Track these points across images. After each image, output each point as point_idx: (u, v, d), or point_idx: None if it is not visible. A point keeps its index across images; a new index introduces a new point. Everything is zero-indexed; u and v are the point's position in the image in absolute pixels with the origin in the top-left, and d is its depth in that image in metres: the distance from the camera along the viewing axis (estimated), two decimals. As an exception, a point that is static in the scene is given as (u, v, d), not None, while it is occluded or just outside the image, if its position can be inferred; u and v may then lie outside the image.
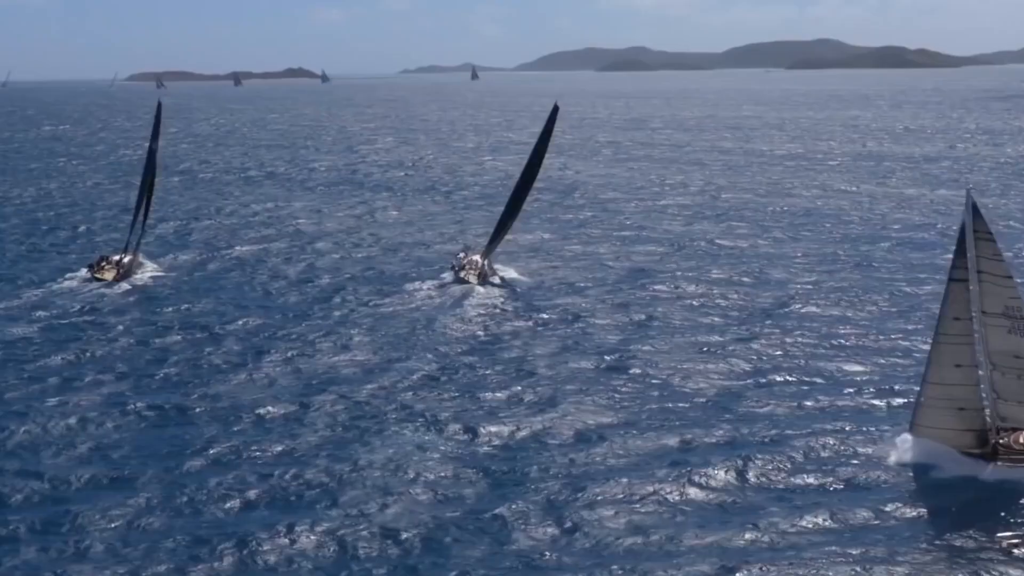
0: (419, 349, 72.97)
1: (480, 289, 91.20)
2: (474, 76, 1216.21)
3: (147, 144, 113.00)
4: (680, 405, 59.94)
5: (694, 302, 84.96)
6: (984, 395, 51.66)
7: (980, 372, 50.65)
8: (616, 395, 61.77)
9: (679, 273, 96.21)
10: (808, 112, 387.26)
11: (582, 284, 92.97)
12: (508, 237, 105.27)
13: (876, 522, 44.87)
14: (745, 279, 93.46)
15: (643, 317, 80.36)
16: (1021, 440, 51.59)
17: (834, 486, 48.63)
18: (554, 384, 64.25)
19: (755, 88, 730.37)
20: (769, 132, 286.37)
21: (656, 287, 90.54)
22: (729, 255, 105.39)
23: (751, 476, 49.70)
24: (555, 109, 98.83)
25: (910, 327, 75.28)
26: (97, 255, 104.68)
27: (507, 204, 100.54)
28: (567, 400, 60.93)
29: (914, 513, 46.13)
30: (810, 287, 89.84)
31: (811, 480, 49.37)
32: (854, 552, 41.56)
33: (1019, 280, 77.12)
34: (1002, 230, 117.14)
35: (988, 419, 51.16)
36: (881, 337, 73.27)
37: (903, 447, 51.27)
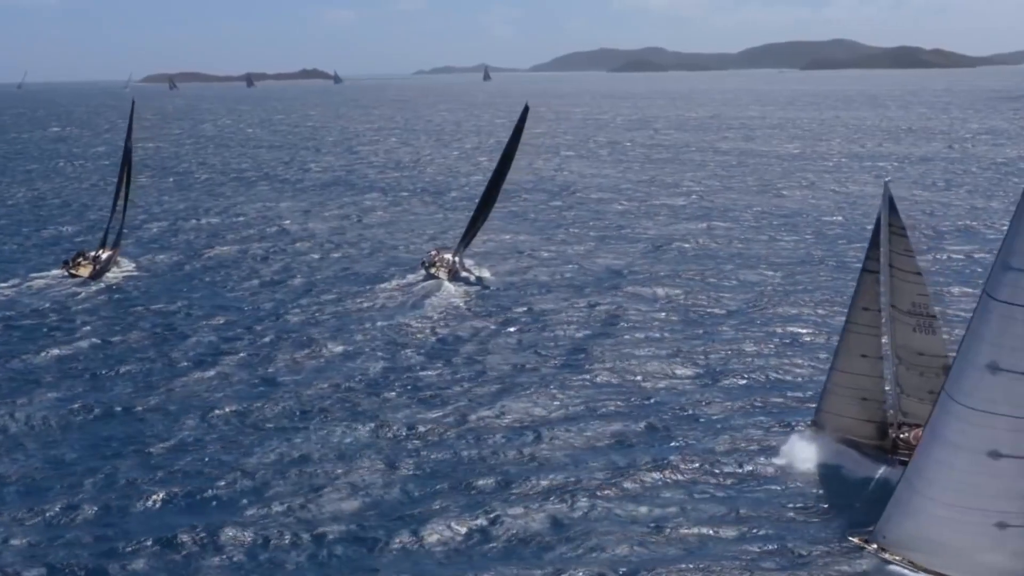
0: (376, 347, 73.24)
1: (448, 286, 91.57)
2: (486, 77, 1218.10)
3: (125, 143, 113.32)
4: (618, 403, 60.18)
5: (658, 303, 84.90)
6: (888, 388, 51.99)
7: (885, 364, 50.84)
8: (561, 393, 61.99)
9: (650, 274, 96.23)
10: (814, 113, 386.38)
11: (552, 283, 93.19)
12: (484, 236, 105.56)
13: (768, 513, 45.36)
14: (715, 280, 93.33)
15: (605, 317, 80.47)
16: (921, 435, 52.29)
17: (739, 479, 49.08)
18: (502, 382, 64.53)
19: (765, 89, 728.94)
20: (770, 133, 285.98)
21: (625, 288, 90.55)
22: (705, 256, 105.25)
23: (667, 471, 49.92)
24: (525, 109, 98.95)
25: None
26: (73, 252, 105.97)
27: (478, 203, 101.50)
28: (511, 398, 61.20)
29: (808, 505, 46.39)
30: (779, 288, 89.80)
31: (720, 473, 49.74)
32: (750, 547, 42.13)
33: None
34: (980, 228, 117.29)
35: (891, 413, 51.40)
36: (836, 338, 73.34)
37: (809, 439, 51.64)
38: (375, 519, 45.62)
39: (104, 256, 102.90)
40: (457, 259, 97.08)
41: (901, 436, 51.11)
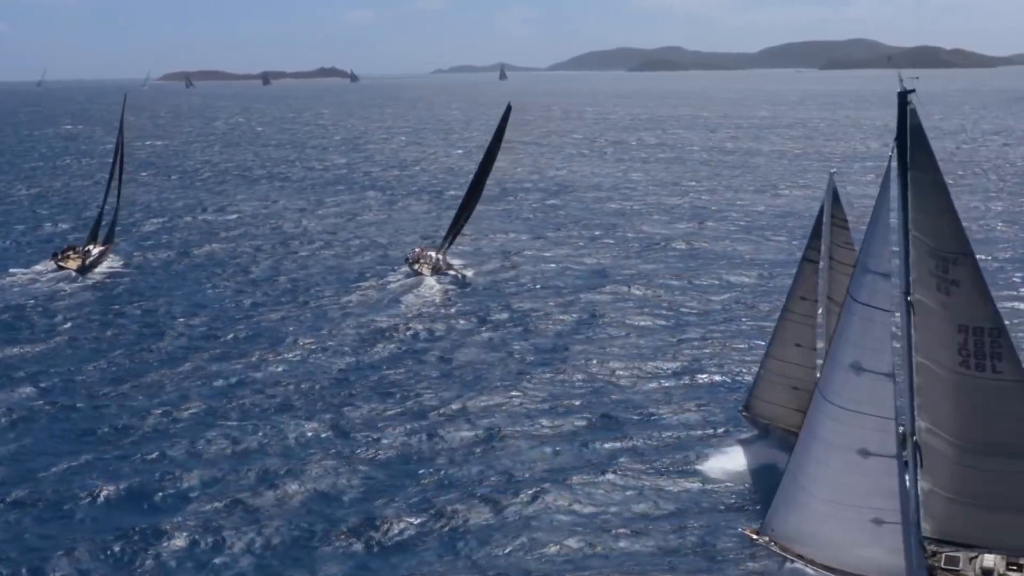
0: (347, 343, 73.66)
1: (430, 283, 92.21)
2: (502, 76, 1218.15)
3: (115, 139, 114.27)
4: (577, 402, 60.46)
5: (636, 304, 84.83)
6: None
7: (819, 355, 50.65)
8: (522, 392, 62.21)
9: (634, 275, 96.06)
10: (825, 113, 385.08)
11: (534, 283, 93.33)
12: (474, 234, 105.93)
13: (684, 507, 46.22)
14: (698, 281, 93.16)
15: (581, 318, 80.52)
16: None
17: (670, 473, 49.53)
18: (465, 380, 64.88)
19: (781, 89, 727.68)
20: (778, 132, 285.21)
21: (606, 289, 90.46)
22: (692, 257, 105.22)
23: (606, 469, 50.11)
24: (508, 109, 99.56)
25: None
26: (65, 245, 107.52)
27: (461, 201, 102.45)
28: (471, 396, 61.45)
29: (722, 499, 46.95)
30: (761, 288, 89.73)
31: (653, 468, 50.07)
32: (654, 540, 42.85)
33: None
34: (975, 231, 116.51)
35: None
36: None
37: (745, 431, 52.32)
38: (322, 515, 46.01)
39: (95, 251, 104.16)
40: (441, 256, 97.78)
41: None
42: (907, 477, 35.37)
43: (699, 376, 64.82)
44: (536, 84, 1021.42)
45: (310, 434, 55.97)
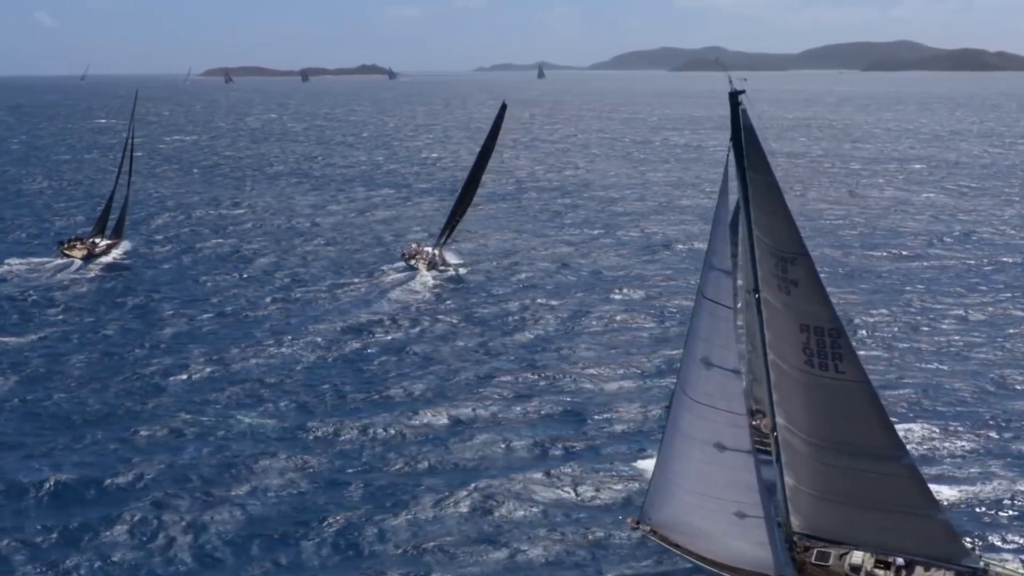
0: (329, 338, 74.45)
1: (422, 279, 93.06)
2: (540, 75, 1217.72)
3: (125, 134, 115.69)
4: (540, 403, 60.80)
5: (628, 307, 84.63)
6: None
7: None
8: (490, 393, 62.68)
9: (631, 278, 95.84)
10: (860, 115, 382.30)
11: (528, 280, 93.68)
12: (480, 231, 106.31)
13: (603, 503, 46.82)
14: (693, 284, 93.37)
15: (567, 318, 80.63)
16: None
17: (599, 470, 49.50)
18: (436, 378, 65.40)
19: (818, 89, 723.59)
20: (803, 133, 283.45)
21: (599, 290, 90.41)
22: (692, 258, 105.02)
23: (549, 469, 50.57)
24: (503, 108, 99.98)
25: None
26: (70, 236, 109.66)
27: (456, 198, 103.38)
28: (439, 395, 62.12)
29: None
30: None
31: (588, 467, 50.32)
32: (559, 532, 43.33)
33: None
34: (989, 235, 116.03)
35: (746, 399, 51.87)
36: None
37: None
38: (276, 508, 46.82)
39: (102, 243, 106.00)
40: (437, 252, 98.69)
41: (753, 423, 51.27)
42: (763, 472, 35.69)
43: (670, 377, 64.75)
44: (574, 83, 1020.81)
45: (275, 429, 56.86)
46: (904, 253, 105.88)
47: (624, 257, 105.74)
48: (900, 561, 35.84)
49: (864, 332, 75.56)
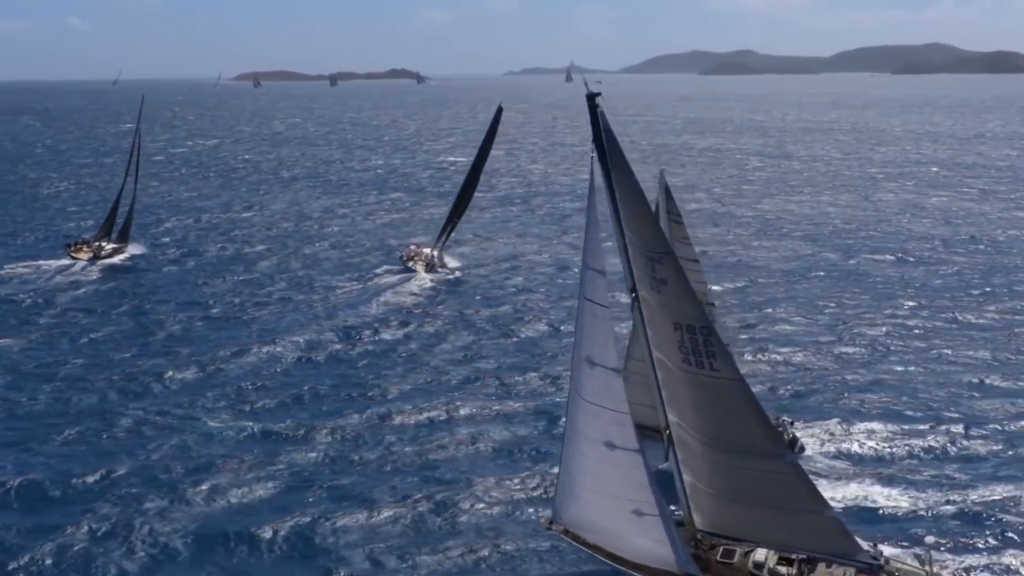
0: (320, 340, 74.88)
1: (419, 280, 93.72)
2: (568, 78, 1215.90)
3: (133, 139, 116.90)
4: (513, 408, 60.81)
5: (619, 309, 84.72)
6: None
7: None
8: (465, 397, 62.72)
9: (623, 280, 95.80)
10: (885, 118, 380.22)
11: (524, 284, 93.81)
12: (482, 234, 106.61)
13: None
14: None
15: (557, 324, 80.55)
16: None
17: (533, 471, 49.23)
18: (423, 380, 65.64)
19: (845, 92, 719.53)
20: (832, 136, 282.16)
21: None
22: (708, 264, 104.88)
23: (500, 477, 50.78)
24: (499, 110, 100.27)
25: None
26: (81, 237, 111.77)
27: (454, 201, 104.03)
28: (417, 398, 62.28)
29: None
30: (760, 294, 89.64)
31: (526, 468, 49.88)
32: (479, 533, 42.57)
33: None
34: (988, 237, 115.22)
35: None
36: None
37: None
38: (239, 514, 46.99)
39: (108, 246, 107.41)
40: (436, 253, 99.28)
41: None
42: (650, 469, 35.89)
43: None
44: (602, 87, 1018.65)
45: (249, 426, 57.27)
46: (901, 256, 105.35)
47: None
48: (802, 558, 36.03)
49: (859, 332, 75.37)
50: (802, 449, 51.70)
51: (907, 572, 36.22)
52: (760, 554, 36.50)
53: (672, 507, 37.73)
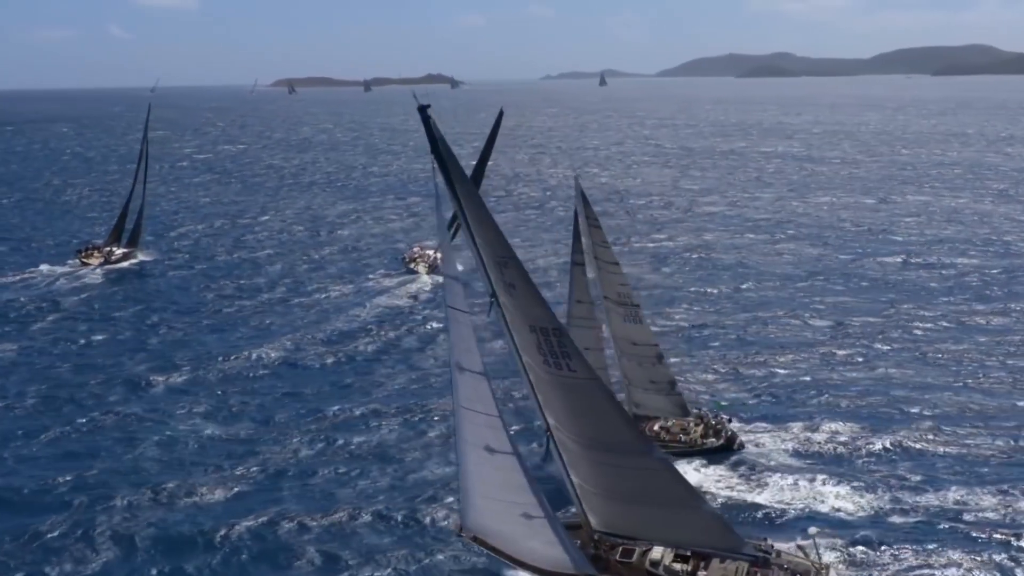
0: (309, 343, 75.51)
1: (420, 282, 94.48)
2: (602, 82, 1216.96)
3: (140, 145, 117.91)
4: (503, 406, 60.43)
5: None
6: (615, 380, 53.01)
7: (609, 356, 51.87)
8: (443, 402, 62.75)
9: (639, 287, 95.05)
10: (916, 120, 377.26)
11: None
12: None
13: None
14: (706, 294, 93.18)
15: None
16: (655, 428, 52.78)
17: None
18: (412, 379, 66.02)
19: (881, 95, 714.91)
20: (859, 139, 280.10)
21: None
22: (700, 266, 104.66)
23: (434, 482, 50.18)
24: (500, 115, 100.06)
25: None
26: (92, 243, 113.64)
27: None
28: (406, 397, 62.76)
29: None
30: (762, 301, 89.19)
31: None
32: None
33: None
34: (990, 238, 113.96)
35: (625, 405, 51.85)
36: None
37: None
38: (200, 516, 47.40)
39: (118, 251, 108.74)
40: (439, 255, 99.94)
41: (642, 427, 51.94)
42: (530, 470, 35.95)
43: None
44: (636, 90, 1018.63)
45: (222, 429, 57.99)
46: (904, 258, 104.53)
47: (634, 265, 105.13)
48: (696, 554, 36.17)
49: (853, 332, 74.89)
50: (741, 446, 52.12)
51: (796, 564, 36.55)
52: (657, 552, 36.67)
53: (572, 509, 37.72)
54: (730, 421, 53.55)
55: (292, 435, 56.70)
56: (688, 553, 36.20)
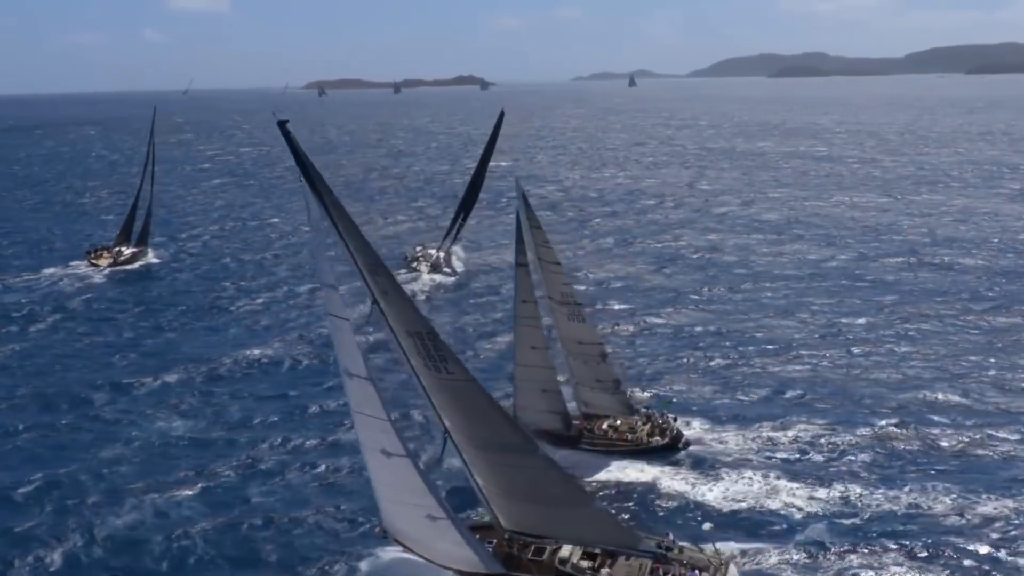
0: (301, 343, 76.13)
1: (420, 282, 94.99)
2: (632, 83, 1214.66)
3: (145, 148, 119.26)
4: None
5: (614, 322, 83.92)
6: (563, 379, 53.38)
7: (556, 355, 52.01)
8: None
9: (640, 287, 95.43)
10: (942, 119, 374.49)
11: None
12: (493, 236, 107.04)
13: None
14: (702, 296, 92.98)
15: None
16: (604, 427, 53.02)
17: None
18: (405, 380, 65.86)
19: (911, 94, 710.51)
20: (884, 139, 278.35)
21: (597, 306, 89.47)
22: (706, 268, 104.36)
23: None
24: (501, 115, 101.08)
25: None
26: (102, 244, 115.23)
27: (459, 203, 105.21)
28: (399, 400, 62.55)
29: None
30: (754, 302, 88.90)
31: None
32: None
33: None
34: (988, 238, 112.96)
35: (572, 404, 53.16)
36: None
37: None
38: (168, 518, 47.89)
39: (127, 252, 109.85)
40: (441, 255, 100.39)
41: (586, 427, 52.77)
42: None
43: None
44: (665, 91, 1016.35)
45: (195, 431, 58.41)
46: (903, 259, 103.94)
47: (637, 266, 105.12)
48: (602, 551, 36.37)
49: (845, 330, 74.58)
50: (687, 444, 52.42)
51: (696, 559, 36.93)
52: (565, 550, 36.97)
53: (481, 509, 37.85)
54: (675, 420, 53.69)
55: (278, 435, 57.24)
56: (596, 551, 36.39)
